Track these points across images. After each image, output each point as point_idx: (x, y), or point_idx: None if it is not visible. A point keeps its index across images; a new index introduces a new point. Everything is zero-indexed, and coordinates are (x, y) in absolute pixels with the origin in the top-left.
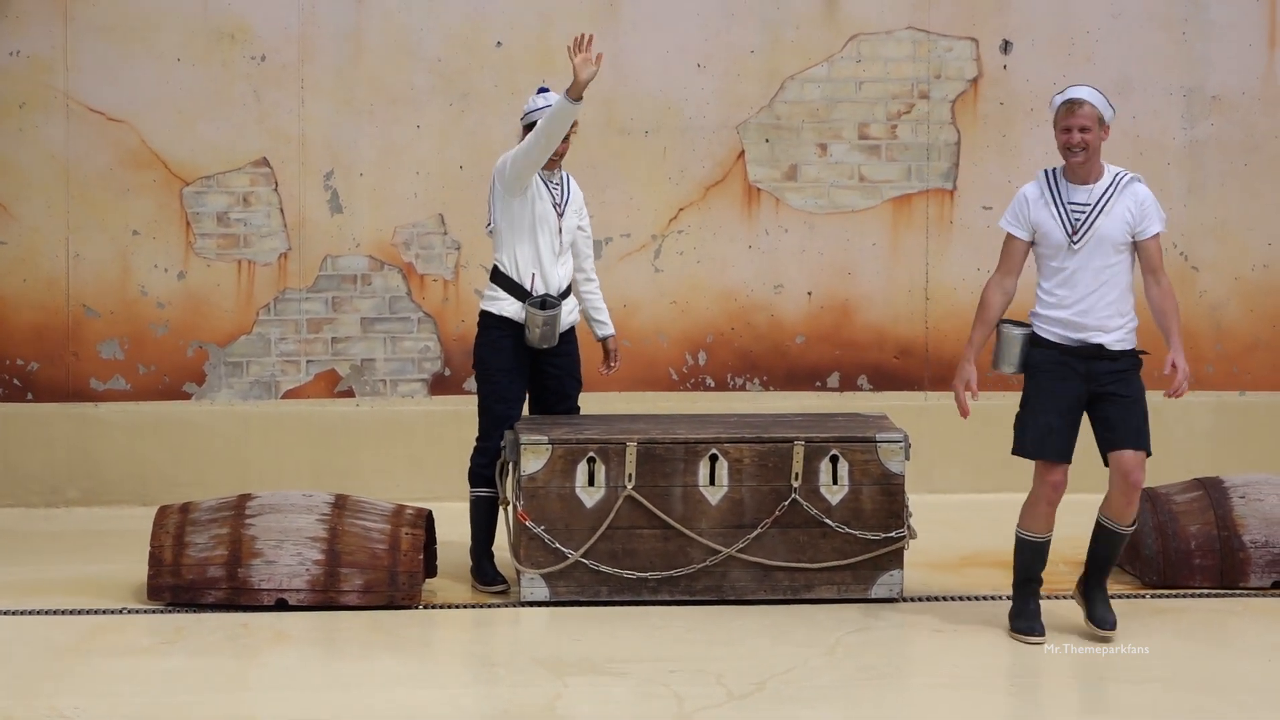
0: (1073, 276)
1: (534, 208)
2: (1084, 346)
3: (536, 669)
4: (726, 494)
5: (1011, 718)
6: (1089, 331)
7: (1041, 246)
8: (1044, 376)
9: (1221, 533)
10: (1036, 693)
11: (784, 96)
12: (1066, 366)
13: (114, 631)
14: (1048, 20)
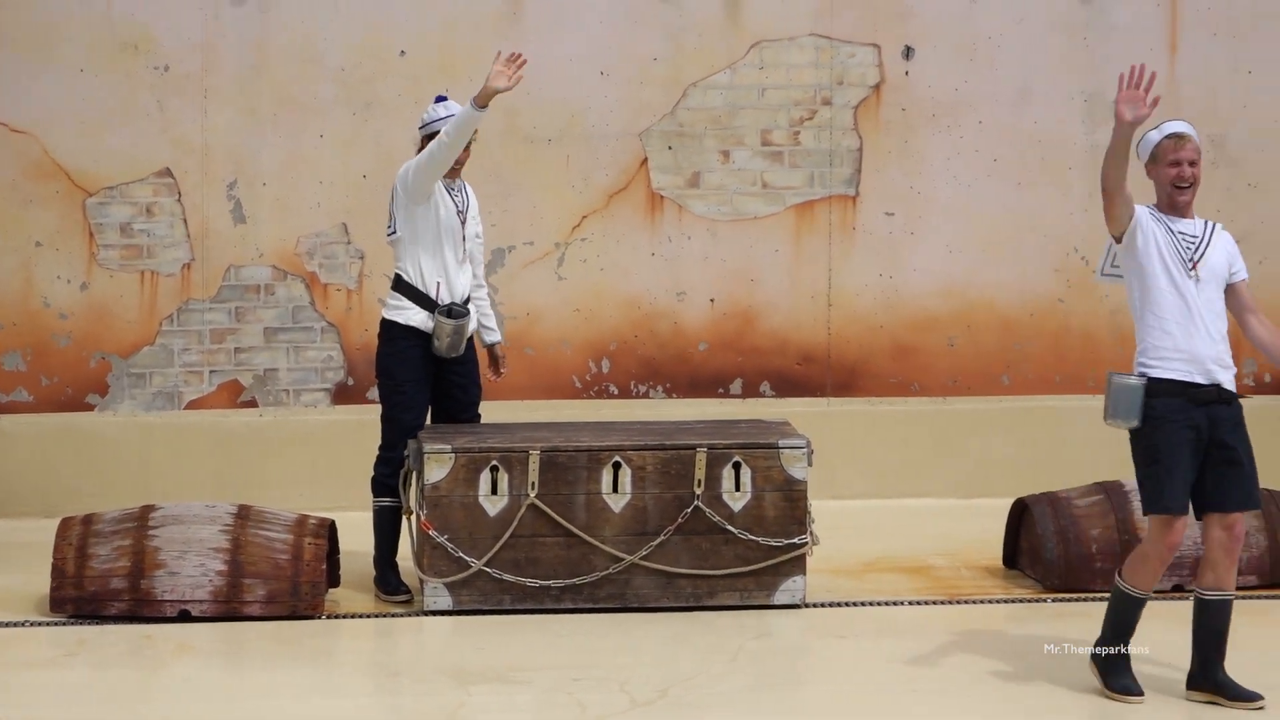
0: (1191, 307)
1: (439, 216)
2: (1206, 388)
3: (440, 678)
4: (629, 501)
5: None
6: (1210, 367)
7: (1152, 276)
8: (1171, 426)
9: (1123, 536)
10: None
11: (687, 103)
12: (1187, 413)
13: (16, 644)
14: (949, 26)
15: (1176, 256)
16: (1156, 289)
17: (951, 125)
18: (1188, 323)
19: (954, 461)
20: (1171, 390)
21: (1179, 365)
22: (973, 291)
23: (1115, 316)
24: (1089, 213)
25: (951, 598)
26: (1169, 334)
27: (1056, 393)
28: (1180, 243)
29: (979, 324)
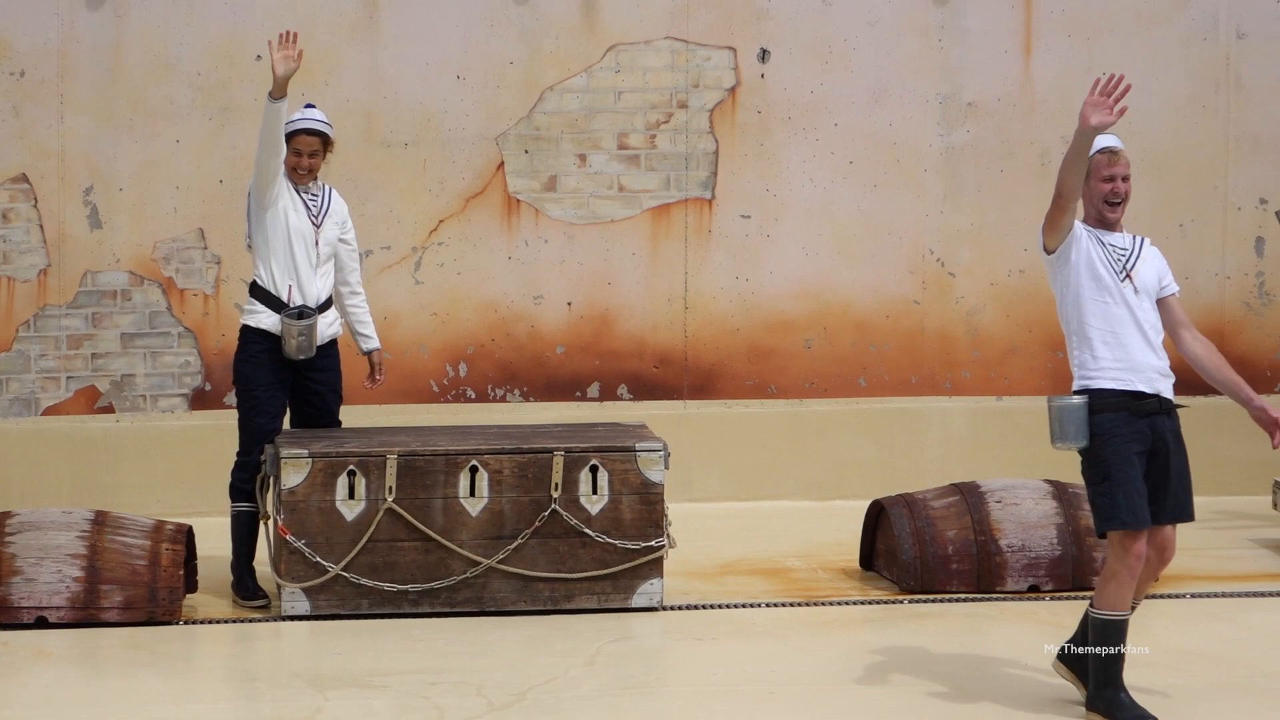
0: (1129, 317)
1: (288, 220)
2: (1149, 398)
3: (297, 683)
4: (487, 505)
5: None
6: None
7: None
8: (1118, 439)
9: (978, 538)
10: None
11: (543, 107)
12: (1131, 424)
13: None
14: (805, 29)
15: (1110, 269)
16: (1094, 301)
17: (807, 128)
18: (1127, 333)
19: (811, 463)
20: (1114, 403)
21: (1121, 375)
22: (829, 293)
23: (970, 318)
24: (944, 214)
25: (808, 600)
26: (1107, 344)
27: (912, 394)
28: (1112, 255)
29: (835, 326)
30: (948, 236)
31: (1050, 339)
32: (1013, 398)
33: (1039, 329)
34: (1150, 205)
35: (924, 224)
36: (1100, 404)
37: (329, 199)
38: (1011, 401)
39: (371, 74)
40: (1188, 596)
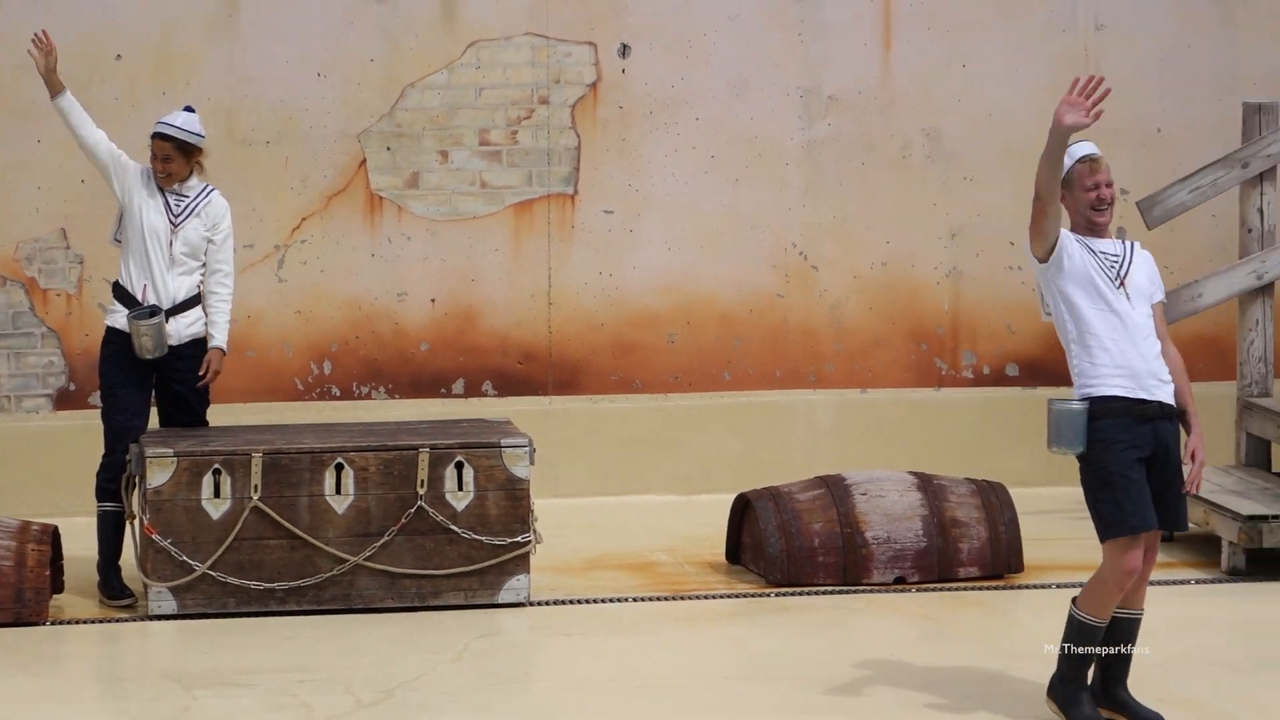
0: (1126, 323)
1: (143, 221)
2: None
3: (165, 683)
4: (353, 503)
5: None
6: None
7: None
8: (1118, 446)
9: (844, 530)
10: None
11: (404, 104)
12: (1131, 431)
13: None
14: (665, 23)
15: (1103, 275)
16: (1090, 309)
17: (669, 122)
18: (1124, 339)
19: (676, 458)
20: (1115, 409)
21: (1121, 381)
22: (692, 288)
23: (834, 311)
24: (806, 208)
25: (675, 594)
26: (1107, 351)
27: (777, 388)
28: (1104, 262)
29: (699, 320)
30: (810, 230)
31: (913, 331)
32: (877, 390)
33: (902, 321)
34: (1013, 195)
35: (786, 217)
36: (1102, 410)
37: (201, 200)
38: (875, 394)
39: (232, 73)
40: (1053, 587)
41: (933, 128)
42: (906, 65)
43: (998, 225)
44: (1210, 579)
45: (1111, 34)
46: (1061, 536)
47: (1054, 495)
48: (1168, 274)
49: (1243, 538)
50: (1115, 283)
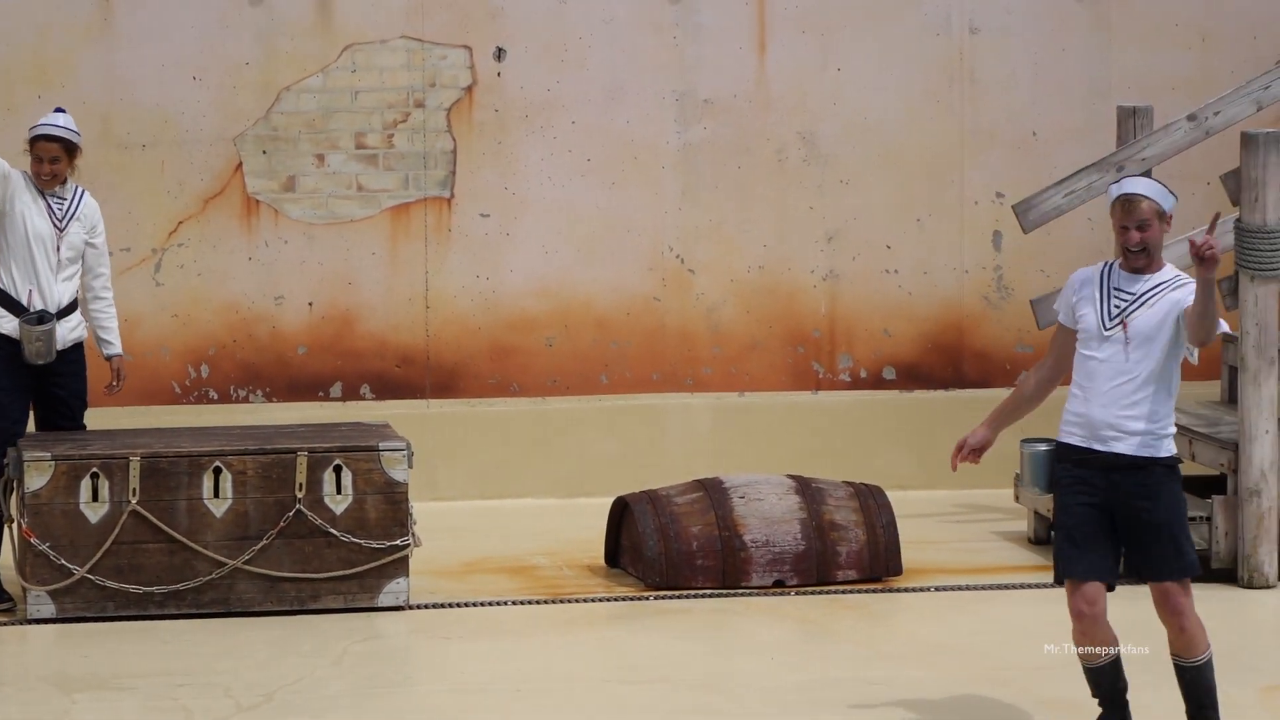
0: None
1: (27, 224)
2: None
3: (44, 686)
4: (231, 506)
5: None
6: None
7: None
8: (1067, 492)
9: (723, 533)
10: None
11: (280, 107)
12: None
13: None
14: (540, 27)
15: (1101, 317)
16: (1080, 352)
17: (545, 126)
18: (1091, 388)
19: (554, 461)
20: (1067, 455)
21: (1076, 431)
22: (569, 291)
23: (711, 315)
24: (682, 211)
25: (555, 597)
26: (1074, 397)
27: (654, 390)
28: (1111, 303)
29: (576, 324)
30: (687, 233)
31: (790, 335)
32: (754, 393)
33: (779, 325)
34: (886, 200)
35: (663, 221)
36: (1059, 455)
37: (78, 202)
38: (753, 397)
39: (108, 75)
40: (931, 590)
41: (808, 131)
42: (781, 69)
43: (874, 228)
44: None
45: (985, 37)
46: (939, 540)
47: (932, 498)
48: (1043, 277)
49: None
50: (1113, 323)
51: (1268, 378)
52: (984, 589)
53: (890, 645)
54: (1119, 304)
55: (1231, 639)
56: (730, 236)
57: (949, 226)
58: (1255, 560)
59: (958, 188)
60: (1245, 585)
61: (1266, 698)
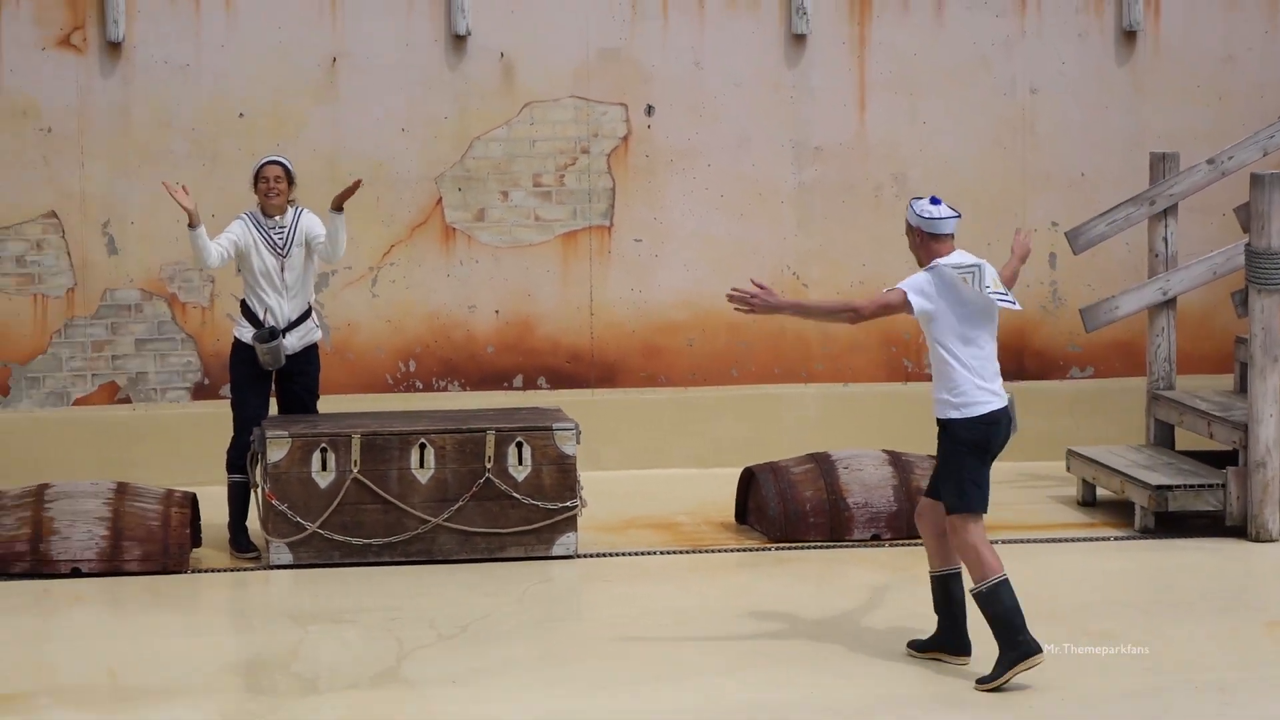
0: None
1: (254, 264)
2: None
3: (283, 620)
4: (433, 474)
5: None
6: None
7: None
8: None
9: (830, 497)
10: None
11: (473, 153)
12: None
13: None
14: (682, 88)
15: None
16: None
17: (686, 168)
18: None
19: (694, 438)
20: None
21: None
22: (706, 301)
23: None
24: (798, 238)
25: (694, 548)
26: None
27: (775, 382)
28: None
29: (712, 328)
30: (801, 255)
31: (885, 337)
32: (856, 384)
33: (876, 329)
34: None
35: (782, 245)
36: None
37: (296, 224)
38: (855, 388)
39: (333, 128)
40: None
41: (899, 172)
42: (878, 122)
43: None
44: (1125, 536)
45: (1043, 97)
46: (1004, 502)
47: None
48: (1090, 290)
49: (1152, 503)
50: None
51: (1272, 372)
52: (1040, 542)
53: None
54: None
55: (1241, 583)
56: (836, 257)
57: None
58: (1261, 519)
59: (1020, 218)
60: (1254, 540)
61: (1269, 630)
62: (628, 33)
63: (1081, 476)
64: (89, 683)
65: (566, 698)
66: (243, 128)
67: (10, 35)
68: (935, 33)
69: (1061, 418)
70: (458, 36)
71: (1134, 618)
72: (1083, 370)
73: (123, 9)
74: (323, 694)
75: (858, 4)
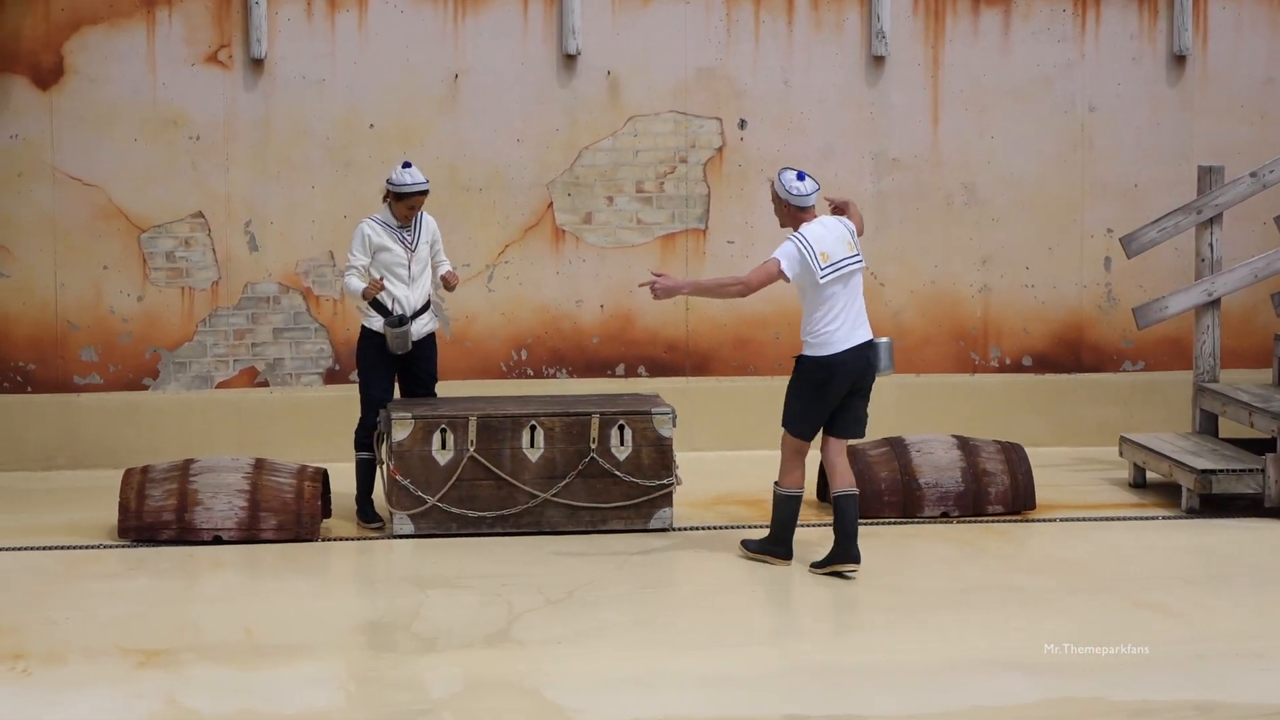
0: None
1: (385, 260)
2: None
3: (405, 584)
4: (543, 454)
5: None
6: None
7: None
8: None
9: (904, 477)
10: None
11: (581, 162)
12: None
13: (92, 561)
14: (772, 104)
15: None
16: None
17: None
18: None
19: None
20: None
21: None
22: (791, 299)
23: (896, 316)
24: (876, 241)
25: None
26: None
27: None
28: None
29: (796, 323)
30: (878, 256)
31: (954, 332)
32: (927, 375)
33: (946, 325)
34: (1026, 234)
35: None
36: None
37: (420, 225)
38: (926, 378)
39: (454, 137)
40: (1057, 520)
41: (969, 182)
42: (950, 136)
43: (1017, 254)
44: (1172, 516)
45: (1101, 114)
46: (1063, 483)
47: (1057, 453)
48: (1142, 291)
49: (1198, 486)
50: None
51: None
52: (1096, 520)
53: (1026, 560)
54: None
55: (1278, 560)
56: (911, 259)
57: (1072, 253)
58: None
59: (1079, 225)
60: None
61: None
62: (723, 53)
63: (1133, 461)
64: (228, 640)
65: (661, 658)
66: (373, 138)
67: (163, 52)
68: (1003, 55)
69: (1115, 407)
70: (569, 56)
71: (1181, 590)
72: (1135, 364)
73: (265, 29)
74: (440, 653)
75: (932, 29)
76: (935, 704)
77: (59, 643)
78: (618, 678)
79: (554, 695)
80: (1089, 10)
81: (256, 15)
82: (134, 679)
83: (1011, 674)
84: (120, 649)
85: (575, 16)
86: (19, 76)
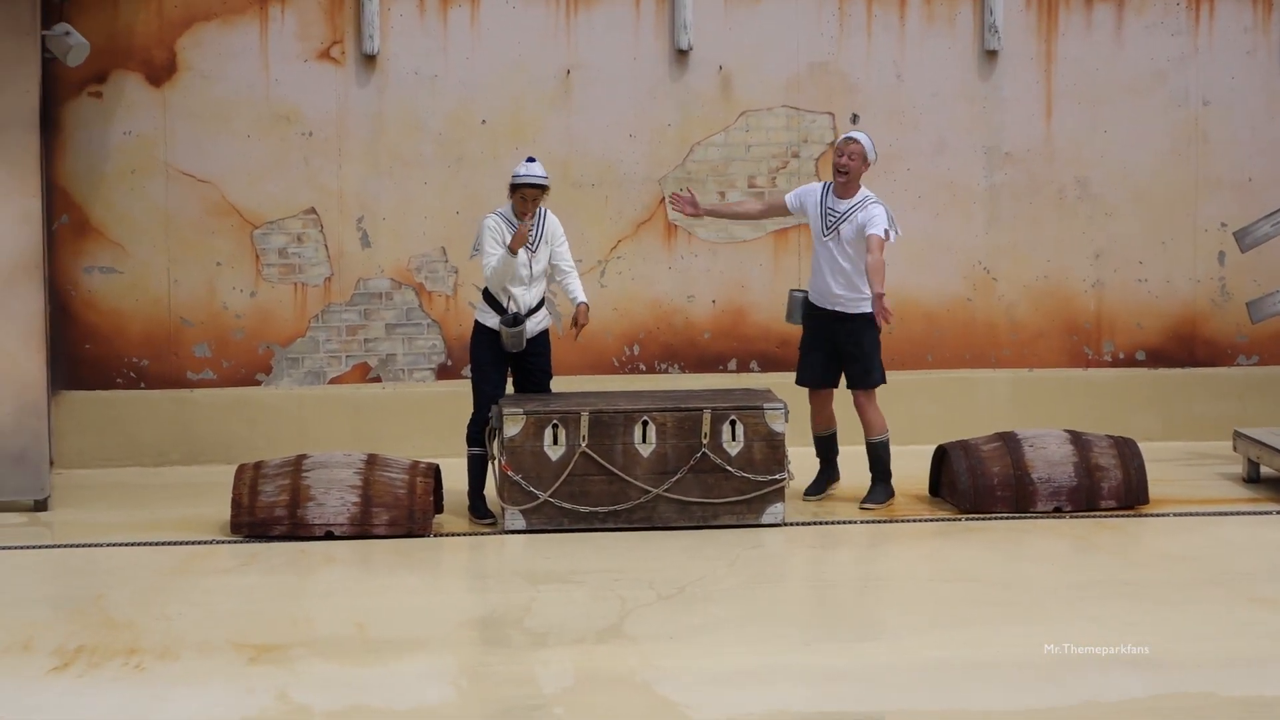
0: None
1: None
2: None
3: (517, 580)
4: (655, 449)
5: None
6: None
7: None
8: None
9: (1016, 472)
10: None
11: (693, 157)
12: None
13: (206, 557)
14: (884, 98)
15: (820, 225)
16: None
17: (886, 171)
18: (820, 268)
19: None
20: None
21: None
22: (903, 293)
23: (1009, 311)
24: (988, 235)
25: (891, 517)
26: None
27: (967, 367)
28: (827, 215)
29: (909, 317)
30: (991, 251)
31: (1068, 326)
32: (1040, 369)
33: (1059, 319)
34: (1141, 228)
35: (974, 242)
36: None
37: (543, 224)
38: (1040, 372)
39: (567, 133)
40: (1170, 515)
41: (1082, 176)
42: (1063, 130)
43: (1130, 248)
44: None
45: (1214, 108)
46: (1176, 478)
47: (1171, 448)
48: (1255, 285)
49: None
50: (828, 231)
51: None
52: (1209, 515)
53: (1139, 555)
54: (830, 218)
55: None
56: (1023, 254)
57: (1185, 247)
58: None
59: (1192, 219)
60: None
61: None
62: (835, 48)
63: (1247, 455)
64: (340, 635)
65: (773, 653)
66: (485, 133)
67: (276, 49)
68: (1116, 49)
69: (1229, 401)
70: (680, 51)
71: None
72: (1249, 358)
73: (378, 25)
74: (552, 648)
75: (1045, 23)
76: (1047, 699)
77: (172, 638)
78: (729, 672)
79: (666, 690)
80: (1203, 3)
81: (369, 11)
82: (246, 674)
83: (1123, 669)
84: (232, 644)
85: (687, 11)
86: (132, 73)
